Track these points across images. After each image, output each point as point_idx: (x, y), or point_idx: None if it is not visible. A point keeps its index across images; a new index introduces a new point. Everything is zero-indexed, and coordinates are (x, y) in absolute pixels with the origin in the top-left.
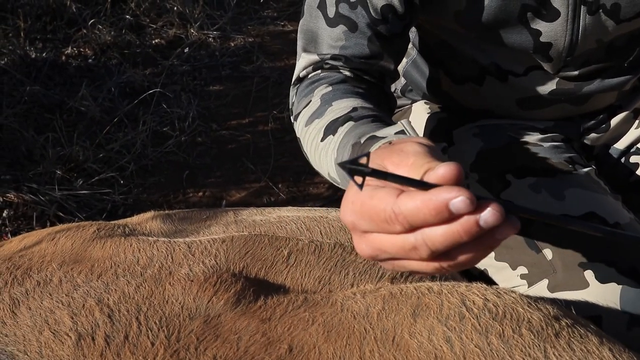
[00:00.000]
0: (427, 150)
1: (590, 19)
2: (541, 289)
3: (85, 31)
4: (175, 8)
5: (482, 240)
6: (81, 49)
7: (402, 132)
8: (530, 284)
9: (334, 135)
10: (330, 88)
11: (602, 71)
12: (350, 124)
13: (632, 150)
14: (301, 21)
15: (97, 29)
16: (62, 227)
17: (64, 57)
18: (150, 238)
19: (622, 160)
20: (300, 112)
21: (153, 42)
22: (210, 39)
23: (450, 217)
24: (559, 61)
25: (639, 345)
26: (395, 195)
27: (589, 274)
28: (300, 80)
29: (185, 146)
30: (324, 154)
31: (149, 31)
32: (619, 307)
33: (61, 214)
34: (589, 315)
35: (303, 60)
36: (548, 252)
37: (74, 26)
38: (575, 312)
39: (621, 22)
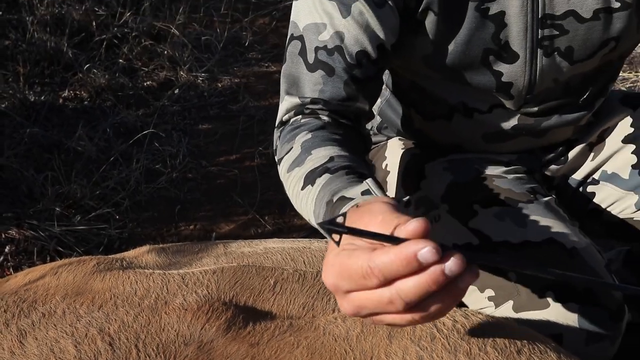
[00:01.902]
0: (392, 208)
1: (547, 60)
2: (507, 309)
3: (81, 75)
4: (165, 52)
5: (449, 290)
6: (77, 92)
7: (367, 191)
8: (497, 305)
9: (312, 185)
10: (309, 135)
11: (559, 108)
12: (326, 176)
13: (588, 180)
14: (284, 66)
15: (92, 72)
16: (64, 261)
17: (61, 100)
18: (146, 270)
19: (580, 189)
20: (283, 157)
21: (145, 84)
22: (199, 81)
23: (420, 267)
24: (520, 99)
25: (596, 358)
26: (369, 252)
27: (549, 295)
28: (283, 123)
29: (177, 182)
30: (304, 202)
31: (141, 74)
32: (577, 325)
33: (60, 248)
34: (551, 334)
35: (286, 103)
36: (513, 276)
37: (70, 70)
38: (538, 330)
39: (575, 63)
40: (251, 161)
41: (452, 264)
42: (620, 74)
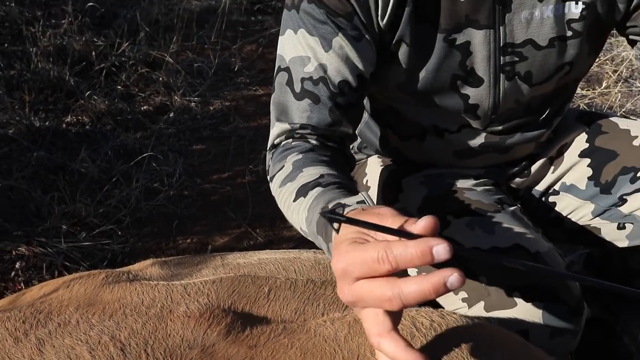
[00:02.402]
0: (399, 212)
1: (509, 83)
2: (479, 309)
3: (82, 101)
4: (160, 78)
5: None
6: (79, 117)
7: (362, 202)
8: (470, 306)
9: (304, 197)
10: (300, 156)
11: (521, 126)
12: (319, 189)
13: (549, 191)
14: (273, 95)
15: (92, 99)
16: (75, 275)
17: (64, 125)
18: (151, 282)
19: (543, 199)
20: (275, 174)
21: (142, 109)
22: (192, 105)
23: (432, 261)
24: (486, 119)
25: (560, 351)
26: (386, 242)
27: (516, 295)
28: (274, 146)
29: (174, 199)
30: (295, 212)
31: (138, 99)
32: (542, 322)
33: (68, 263)
34: (518, 330)
35: (277, 129)
36: (483, 279)
37: (72, 97)
38: (507, 327)
39: (534, 85)
40: (242, 178)
41: (454, 279)
42: (579, 92)
